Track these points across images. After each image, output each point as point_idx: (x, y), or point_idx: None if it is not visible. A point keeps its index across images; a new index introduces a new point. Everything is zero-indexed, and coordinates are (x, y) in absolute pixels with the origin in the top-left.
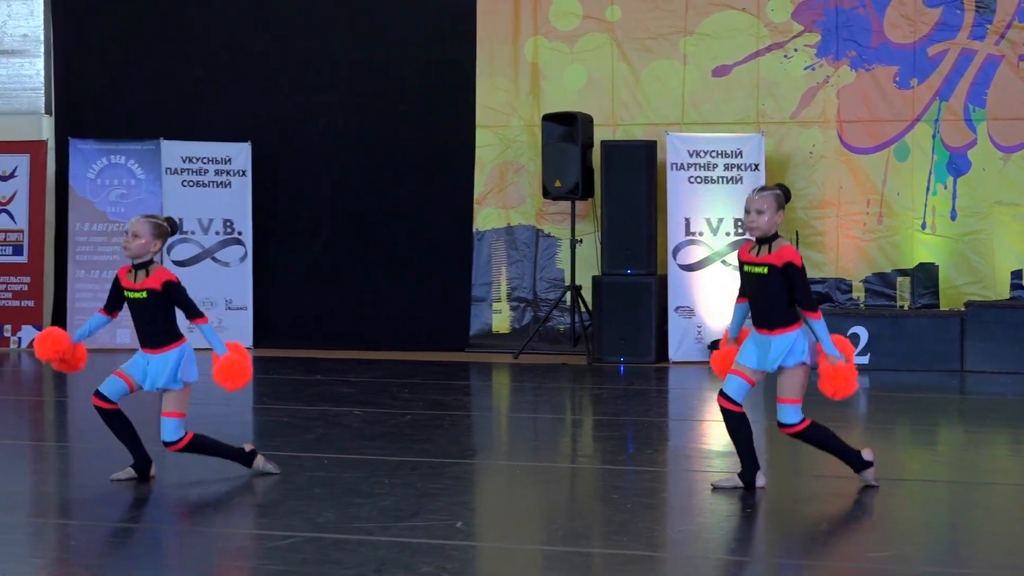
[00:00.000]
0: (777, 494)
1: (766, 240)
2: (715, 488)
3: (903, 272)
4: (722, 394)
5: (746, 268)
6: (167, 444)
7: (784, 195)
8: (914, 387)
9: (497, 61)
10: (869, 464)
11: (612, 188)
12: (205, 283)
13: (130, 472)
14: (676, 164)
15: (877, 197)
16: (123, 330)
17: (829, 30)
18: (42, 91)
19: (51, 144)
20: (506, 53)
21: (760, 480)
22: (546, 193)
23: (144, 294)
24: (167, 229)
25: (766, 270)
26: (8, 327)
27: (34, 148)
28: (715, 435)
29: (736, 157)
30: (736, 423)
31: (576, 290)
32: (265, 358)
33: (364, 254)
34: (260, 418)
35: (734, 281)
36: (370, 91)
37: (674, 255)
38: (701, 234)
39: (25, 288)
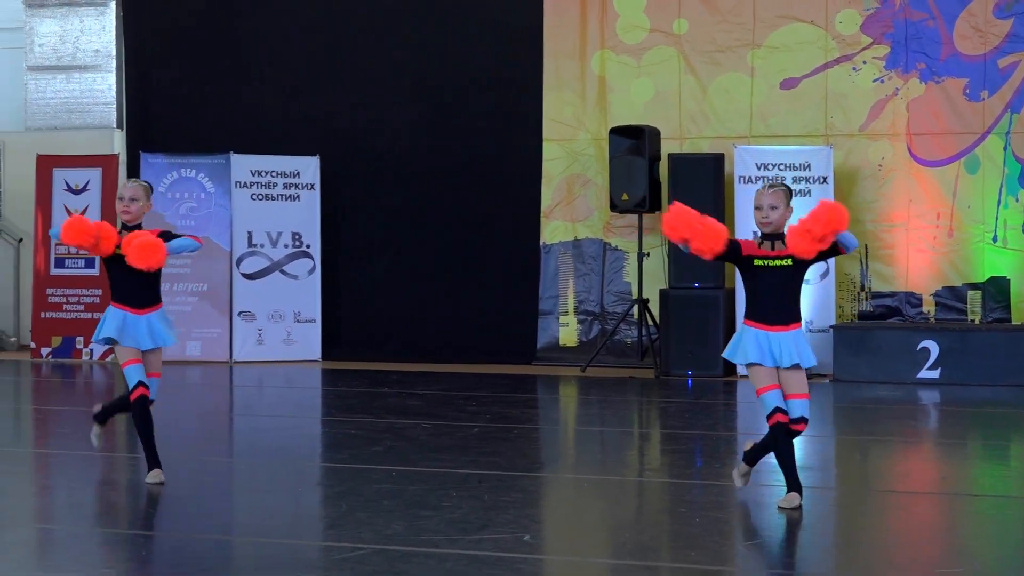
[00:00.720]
0: (846, 508)
1: (775, 236)
2: (781, 509)
3: (974, 286)
4: (779, 411)
5: (764, 263)
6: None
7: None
8: (985, 402)
9: (564, 75)
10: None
11: (679, 201)
12: (274, 296)
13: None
14: (744, 177)
15: (947, 210)
16: (193, 343)
17: (898, 42)
18: (114, 106)
19: (122, 158)
20: (573, 67)
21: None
22: (613, 206)
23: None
24: (151, 190)
25: (790, 262)
26: (80, 339)
27: (106, 162)
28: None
29: (804, 170)
30: (786, 440)
31: (643, 303)
32: (333, 370)
33: (431, 267)
34: (328, 430)
35: (802, 295)
36: (438, 105)
37: None
38: None
39: (96, 301)
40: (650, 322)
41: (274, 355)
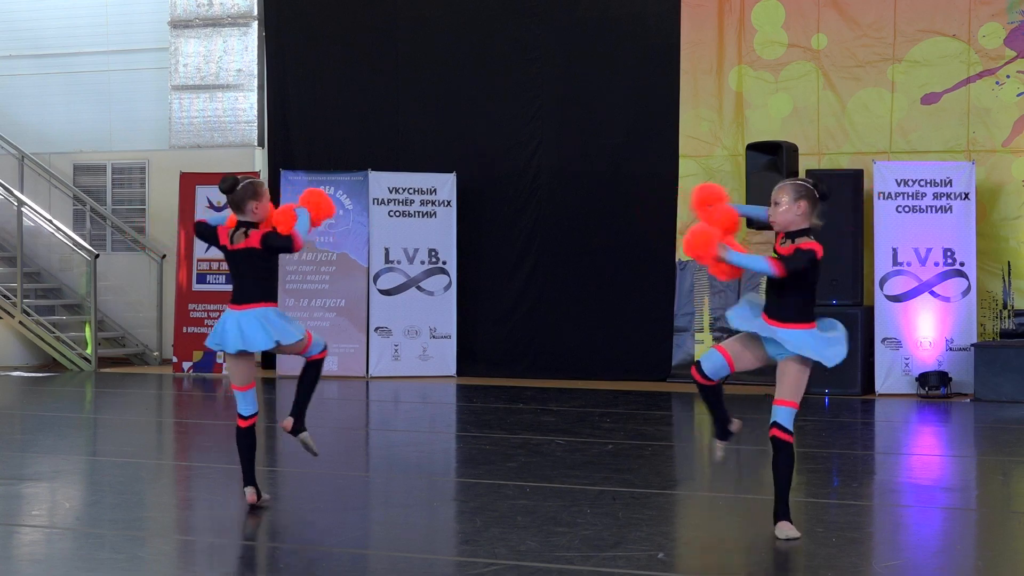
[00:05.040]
0: (987, 530)
1: (793, 235)
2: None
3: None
4: (697, 369)
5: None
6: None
7: (816, 191)
8: None
9: (701, 91)
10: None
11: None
12: (410, 311)
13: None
14: (883, 193)
15: None
16: (330, 358)
17: None
18: (255, 124)
19: (263, 175)
20: (710, 83)
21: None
22: (750, 223)
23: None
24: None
25: None
26: (221, 354)
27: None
28: (922, 469)
29: (945, 186)
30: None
31: None
32: (468, 386)
33: (566, 284)
34: (463, 446)
35: (943, 313)
36: (573, 122)
37: (881, 286)
38: (909, 264)
39: None
40: None
41: (410, 371)
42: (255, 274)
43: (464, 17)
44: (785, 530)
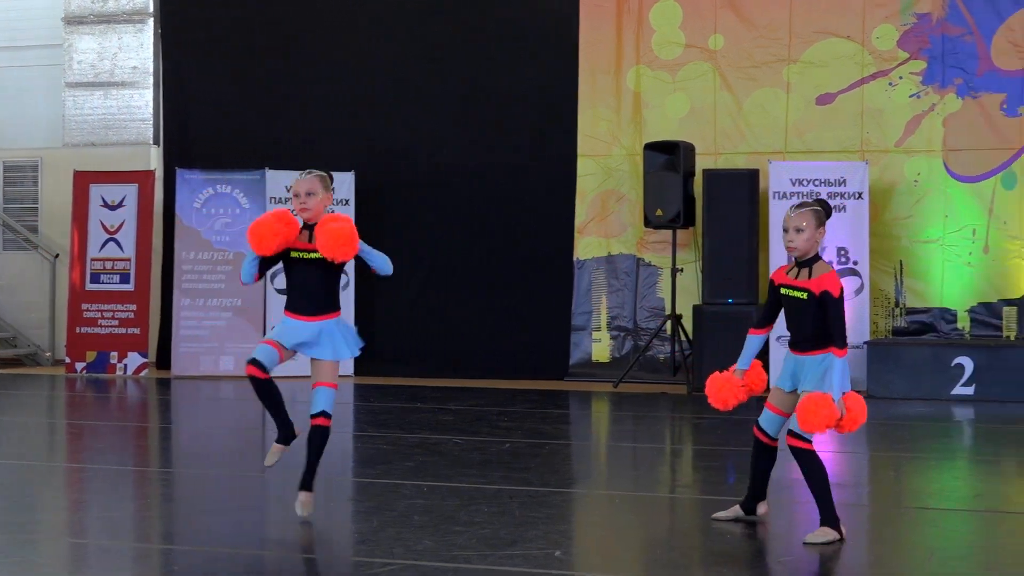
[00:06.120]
0: (879, 525)
1: (806, 262)
2: (715, 520)
3: (1009, 302)
4: (757, 426)
5: (783, 291)
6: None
7: (824, 211)
8: (1020, 418)
9: (600, 90)
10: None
11: (714, 217)
12: None
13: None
14: (779, 192)
15: (983, 226)
16: (226, 358)
17: (935, 58)
18: (150, 122)
19: (158, 174)
20: (608, 82)
21: (762, 508)
22: (647, 222)
23: (317, 255)
24: (332, 180)
25: (804, 296)
26: (115, 354)
27: (142, 178)
28: None
29: (840, 186)
30: (760, 454)
31: (676, 319)
32: (366, 385)
33: (465, 283)
34: (360, 445)
35: None
36: (472, 121)
37: None
38: None
39: (131, 316)
40: (683, 338)
41: (307, 370)
42: None
43: (364, 15)
44: (821, 536)
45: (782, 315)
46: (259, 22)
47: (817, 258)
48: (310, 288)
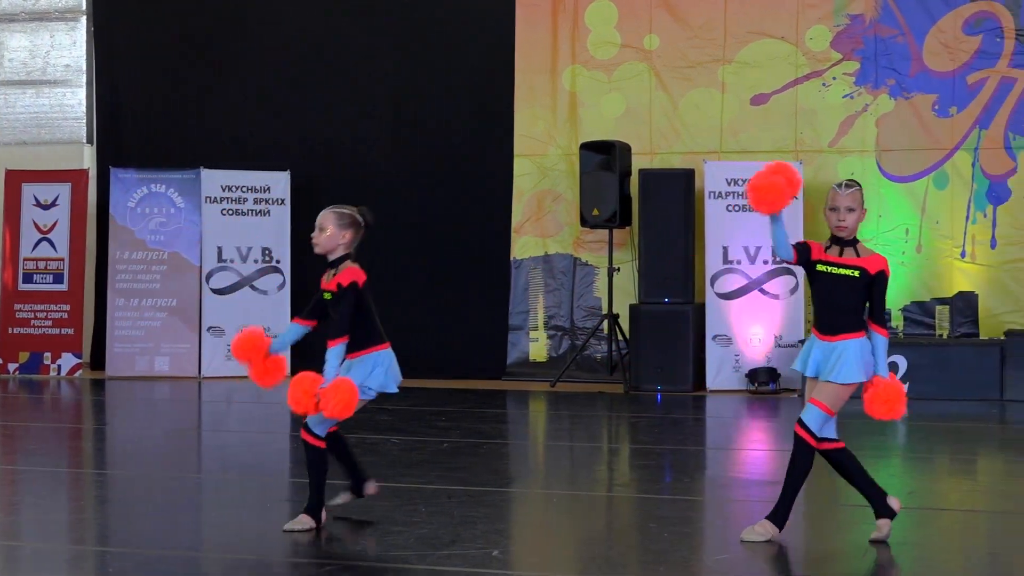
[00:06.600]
0: (814, 523)
1: (850, 241)
2: (743, 542)
3: (942, 301)
4: (800, 423)
5: (827, 269)
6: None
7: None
8: (953, 416)
9: (535, 90)
10: (892, 514)
11: (650, 216)
12: (244, 311)
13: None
14: (714, 192)
15: (916, 226)
16: (161, 359)
17: (868, 58)
18: (83, 121)
19: (92, 173)
20: (544, 82)
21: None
22: (584, 222)
23: (329, 295)
24: (357, 219)
25: (857, 273)
26: (48, 355)
27: (75, 177)
28: (752, 464)
29: None
30: (804, 457)
31: (613, 318)
32: None
33: (401, 282)
34: (297, 446)
35: (772, 310)
36: (409, 121)
37: (712, 283)
38: (739, 262)
39: (65, 316)
40: (620, 337)
41: (243, 371)
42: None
43: (301, 13)
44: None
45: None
46: (193, 20)
47: (856, 238)
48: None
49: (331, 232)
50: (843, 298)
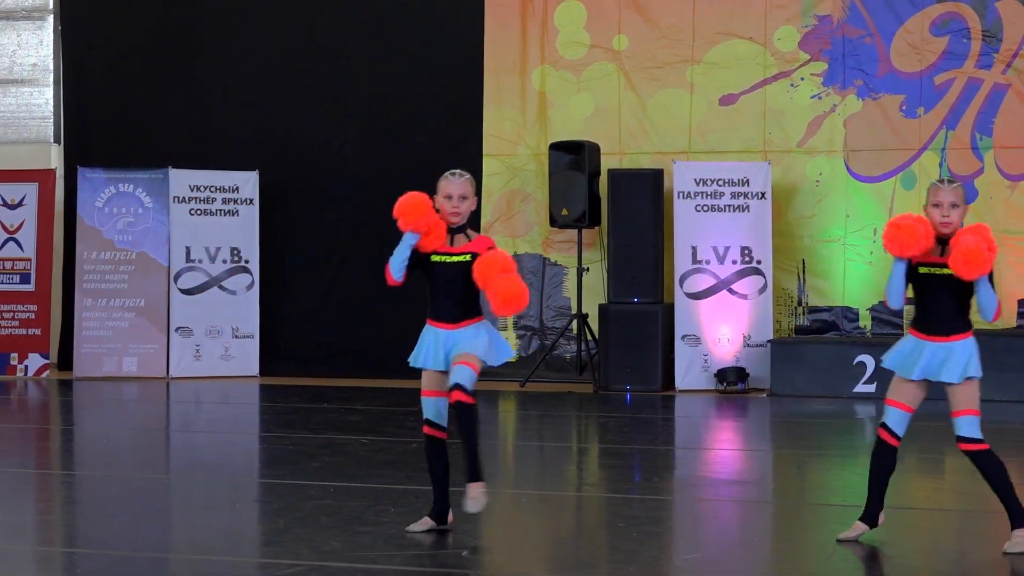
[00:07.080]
0: (783, 522)
1: (943, 240)
2: (840, 542)
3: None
4: (883, 427)
5: (924, 271)
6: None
7: None
8: (920, 416)
9: (504, 90)
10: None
11: (619, 216)
12: (212, 311)
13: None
14: (683, 192)
15: (883, 225)
16: (129, 359)
17: (836, 59)
18: (51, 120)
19: (59, 173)
20: (513, 82)
21: (881, 518)
22: (553, 222)
23: (467, 257)
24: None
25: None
26: (15, 355)
27: (42, 177)
28: (721, 463)
29: (743, 185)
30: (885, 457)
31: (582, 318)
32: (271, 386)
33: (371, 282)
34: (266, 446)
35: (741, 310)
36: (377, 120)
37: (681, 283)
38: (708, 262)
39: (32, 316)
40: (589, 337)
41: (212, 371)
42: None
43: (268, 13)
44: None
45: None
46: (161, 19)
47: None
48: (457, 294)
49: (472, 200)
50: (939, 299)
